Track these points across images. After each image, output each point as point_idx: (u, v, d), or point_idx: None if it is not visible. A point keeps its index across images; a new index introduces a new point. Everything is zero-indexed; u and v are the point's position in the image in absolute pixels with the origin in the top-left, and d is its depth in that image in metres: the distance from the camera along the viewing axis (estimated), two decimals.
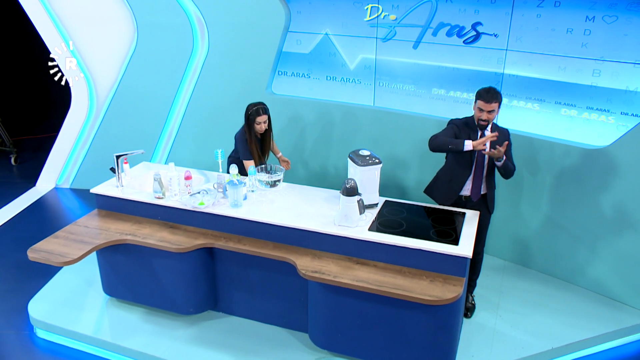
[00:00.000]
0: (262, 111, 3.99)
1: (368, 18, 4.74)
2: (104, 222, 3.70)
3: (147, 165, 4.35)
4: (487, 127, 3.51)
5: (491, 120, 3.44)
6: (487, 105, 3.36)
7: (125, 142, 5.70)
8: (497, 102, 3.37)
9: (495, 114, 3.41)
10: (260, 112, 3.98)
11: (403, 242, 3.16)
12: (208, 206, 3.58)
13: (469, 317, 3.82)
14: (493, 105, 3.35)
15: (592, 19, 3.80)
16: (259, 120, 3.99)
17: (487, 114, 3.38)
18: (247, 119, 4.02)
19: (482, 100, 3.37)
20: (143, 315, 3.82)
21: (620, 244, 3.89)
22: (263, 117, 4.00)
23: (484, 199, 3.66)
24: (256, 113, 3.98)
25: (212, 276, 3.72)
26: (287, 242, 3.43)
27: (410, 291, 2.96)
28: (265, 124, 4.03)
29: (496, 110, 3.40)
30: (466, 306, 3.87)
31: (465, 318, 3.81)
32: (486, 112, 3.38)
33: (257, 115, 3.98)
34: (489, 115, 3.38)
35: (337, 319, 3.31)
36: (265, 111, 4.02)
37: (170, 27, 5.27)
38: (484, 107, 3.37)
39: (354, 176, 3.53)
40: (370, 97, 5.03)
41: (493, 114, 3.39)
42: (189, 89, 5.51)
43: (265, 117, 4.02)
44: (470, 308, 3.86)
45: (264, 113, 4.00)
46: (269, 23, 5.01)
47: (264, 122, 4.02)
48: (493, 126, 3.55)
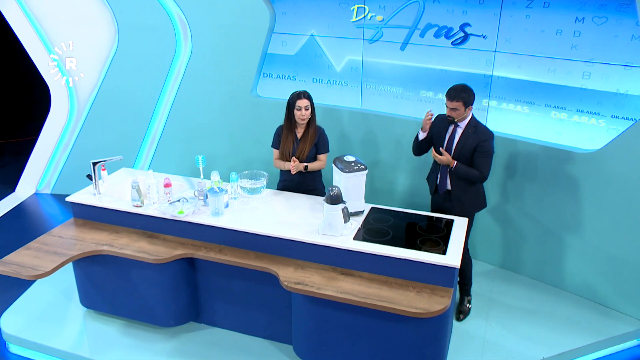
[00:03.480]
0: (303, 95, 3.66)
1: (354, 19, 4.64)
2: (80, 231, 3.56)
3: (127, 172, 4.21)
4: (461, 124, 3.49)
5: (456, 117, 3.42)
6: (449, 103, 3.41)
7: (107, 146, 5.57)
8: (458, 101, 3.36)
9: (460, 112, 3.40)
10: (300, 95, 3.65)
11: (389, 251, 3.06)
12: (188, 215, 3.45)
13: (461, 320, 3.76)
14: (455, 104, 3.37)
15: (581, 20, 3.72)
16: (299, 105, 3.64)
17: (449, 110, 3.43)
18: (288, 105, 3.72)
19: (446, 96, 3.43)
20: (122, 328, 3.68)
21: (611, 249, 3.82)
22: (303, 102, 3.64)
23: (450, 196, 3.62)
24: (297, 96, 3.66)
25: (194, 287, 3.60)
26: (269, 252, 3.31)
27: (396, 303, 2.85)
28: (307, 111, 3.66)
29: (460, 110, 3.38)
30: (460, 309, 3.82)
31: (457, 321, 3.74)
32: (449, 109, 3.42)
33: (298, 98, 3.64)
34: (451, 112, 3.42)
35: (321, 331, 3.20)
36: (306, 96, 3.67)
37: (152, 28, 5.14)
38: (447, 104, 3.43)
39: (339, 183, 3.43)
40: (357, 100, 4.92)
41: (456, 112, 3.40)
42: (172, 91, 5.38)
43: (307, 102, 3.65)
44: (464, 311, 3.81)
45: (304, 97, 3.66)
46: (254, 24, 4.90)
47: (305, 108, 3.64)
48: (473, 125, 3.48)
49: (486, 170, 3.48)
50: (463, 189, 3.59)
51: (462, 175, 3.50)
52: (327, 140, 3.84)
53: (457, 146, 3.51)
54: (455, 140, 3.52)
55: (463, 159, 3.50)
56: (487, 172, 3.48)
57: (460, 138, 3.50)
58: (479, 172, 3.47)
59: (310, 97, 3.70)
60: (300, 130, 3.79)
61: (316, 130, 3.77)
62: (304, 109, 3.67)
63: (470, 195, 3.61)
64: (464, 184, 3.57)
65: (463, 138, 3.49)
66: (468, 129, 3.48)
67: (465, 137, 3.48)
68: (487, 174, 3.49)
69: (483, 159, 3.45)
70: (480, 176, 3.48)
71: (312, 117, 3.75)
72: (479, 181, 3.54)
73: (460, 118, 3.45)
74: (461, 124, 3.50)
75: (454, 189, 3.60)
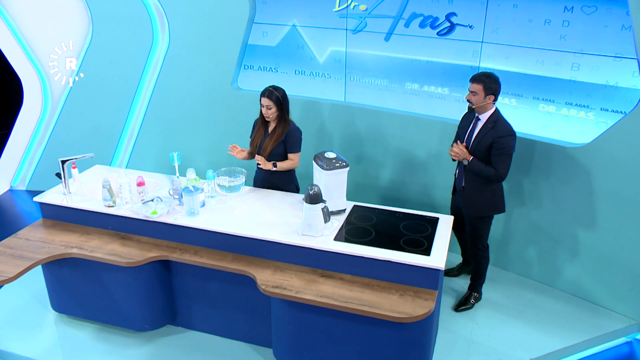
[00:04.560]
0: (267, 94, 3.48)
1: (337, 8, 4.47)
2: (49, 233, 3.40)
3: (101, 169, 4.04)
4: (482, 117, 3.41)
5: (475, 103, 3.37)
6: (470, 85, 3.37)
7: (84, 141, 5.38)
8: (479, 84, 3.31)
9: (479, 98, 3.33)
10: (265, 93, 3.49)
11: (371, 252, 2.93)
12: (162, 215, 3.30)
13: (457, 310, 3.76)
14: (474, 86, 3.33)
15: (570, 9, 3.59)
16: (262, 103, 3.50)
17: (469, 94, 3.38)
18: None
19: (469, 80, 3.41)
20: (95, 332, 3.54)
21: (600, 246, 3.73)
22: (265, 100, 3.47)
23: (464, 194, 3.55)
24: (262, 93, 3.50)
25: (169, 289, 3.45)
26: (247, 253, 3.18)
27: (378, 307, 2.73)
28: (269, 110, 3.48)
29: (480, 95, 3.32)
30: (462, 302, 3.81)
31: (453, 310, 3.77)
32: (469, 92, 3.38)
33: (262, 96, 3.50)
34: (471, 96, 3.37)
35: (301, 335, 3.08)
36: (269, 95, 3.46)
37: (127, 18, 4.93)
38: (469, 87, 3.38)
39: (319, 181, 3.29)
40: (341, 92, 4.77)
41: (475, 96, 3.34)
42: (150, 84, 5.18)
43: (268, 102, 3.46)
44: (465, 305, 3.79)
45: (266, 96, 3.47)
46: (233, 14, 4.71)
47: (267, 108, 3.48)
48: (493, 120, 3.37)
49: (503, 169, 3.33)
50: (477, 187, 3.47)
51: (477, 172, 3.39)
52: (299, 139, 3.62)
53: (475, 140, 3.41)
54: (474, 134, 3.42)
55: (479, 155, 3.39)
56: (504, 171, 3.34)
57: (479, 132, 3.40)
58: (495, 170, 3.34)
59: (277, 97, 3.48)
60: (272, 125, 3.63)
61: (285, 129, 3.57)
62: (266, 108, 3.52)
63: (486, 196, 3.48)
64: (479, 183, 3.45)
65: (481, 132, 3.38)
66: (488, 123, 3.37)
67: (484, 131, 3.37)
68: (504, 173, 3.34)
69: (499, 156, 3.32)
70: (496, 174, 3.34)
71: (282, 116, 3.56)
72: (495, 180, 3.39)
73: (481, 108, 3.37)
74: (482, 117, 3.40)
75: (468, 186, 3.51)
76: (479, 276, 3.78)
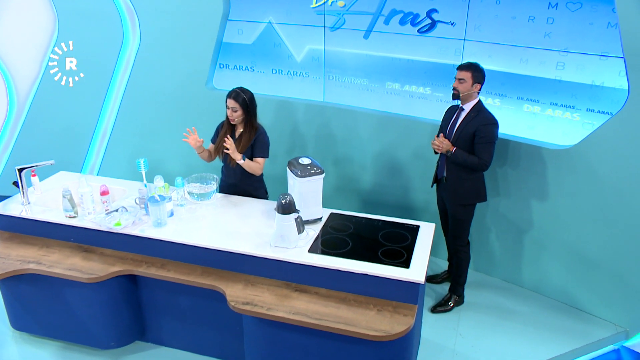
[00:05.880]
0: (233, 95, 3.30)
1: (314, 5, 4.28)
2: (5, 247, 3.18)
3: (65, 176, 3.82)
4: (466, 107, 3.36)
5: (460, 89, 3.32)
6: (457, 73, 3.33)
7: (53, 145, 5.13)
8: (467, 71, 3.29)
9: (466, 85, 3.30)
10: (231, 94, 3.31)
11: (347, 265, 2.77)
12: (127, 226, 3.10)
13: (435, 312, 3.68)
14: (462, 73, 3.29)
15: (555, 5, 3.44)
16: (227, 104, 3.32)
17: (456, 82, 3.34)
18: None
19: (457, 68, 3.37)
20: (57, 351, 3.33)
21: (587, 250, 3.60)
22: (230, 102, 3.30)
23: (446, 184, 3.50)
24: (228, 94, 3.33)
25: (137, 304, 3.26)
26: (217, 266, 3.00)
27: (354, 325, 2.57)
28: (235, 112, 3.31)
29: (467, 82, 3.29)
30: (440, 303, 3.72)
31: (430, 312, 3.67)
32: (456, 80, 3.33)
33: (228, 97, 3.32)
34: (458, 84, 3.33)
35: (275, 352, 2.90)
36: (235, 97, 3.29)
37: (95, 15, 4.69)
38: (456, 75, 3.34)
39: (293, 188, 3.11)
40: (319, 92, 4.58)
41: (463, 84, 3.30)
42: (122, 85, 4.95)
43: (233, 104, 3.28)
44: (443, 307, 3.70)
45: (232, 97, 3.30)
46: (206, 10, 4.49)
47: (233, 110, 3.31)
48: (477, 110, 3.33)
49: (486, 156, 3.28)
50: (459, 176, 3.42)
51: (461, 162, 3.33)
52: (267, 144, 3.42)
53: (458, 129, 3.36)
54: (457, 123, 3.36)
55: (462, 144, 3.33)
56: (487, 159, 3.29)
57: (462, 121, 3.34)
58: (479, 158, 3.28)
59: (244, 100, 3.29)
60: (239, 129, 3.44)
61: (252, 135, 3.38)
62: (231, 110, 3.33)
63: (468, 185, 3.43)
64: (461, 171, 3.39)
65: (465, 121, 3.33)
66: (471, 112, 3.33)
67: (467, 120, 3.32)
68: (487, 161, 3.29)
69: (482, 144, 3.28)
70: (480, 163, 3.29)
71: (249, 121, 3.37)
72: (480, 169, 3.34)
73: (466, 97, 3.30)
74: (466, 107, 3.35)
75: (449, 175, 3.45)
76: (459, 275, 3.69)
